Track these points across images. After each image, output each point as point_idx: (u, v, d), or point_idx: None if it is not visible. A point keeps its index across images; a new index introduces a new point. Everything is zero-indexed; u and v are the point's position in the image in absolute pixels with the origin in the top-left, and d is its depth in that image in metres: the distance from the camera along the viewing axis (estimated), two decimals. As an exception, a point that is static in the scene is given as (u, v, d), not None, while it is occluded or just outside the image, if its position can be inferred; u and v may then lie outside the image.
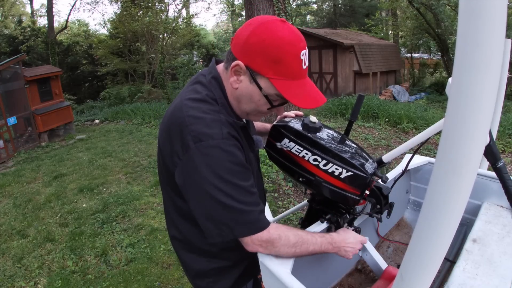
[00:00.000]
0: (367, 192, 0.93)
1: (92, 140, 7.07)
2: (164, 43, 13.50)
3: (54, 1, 14.33)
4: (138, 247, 3.00)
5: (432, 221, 0.43)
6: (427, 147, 5.28)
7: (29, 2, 20.46)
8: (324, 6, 25.07)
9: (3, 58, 10.94)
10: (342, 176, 0.90)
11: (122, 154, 5.79)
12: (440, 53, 14.69)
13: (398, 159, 3.69)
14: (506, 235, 0.96)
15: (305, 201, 1.38)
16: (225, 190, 0.78)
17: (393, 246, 1.34)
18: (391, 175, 1.25)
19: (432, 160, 1.42)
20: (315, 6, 25.50)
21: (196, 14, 21.89)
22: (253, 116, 0.92)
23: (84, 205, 3.91)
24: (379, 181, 0.97)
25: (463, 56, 0.34)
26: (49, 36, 13.59)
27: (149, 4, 13.52)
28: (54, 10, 14.25)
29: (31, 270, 2.76)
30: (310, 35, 11.73)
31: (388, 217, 1.04)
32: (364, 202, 0.98)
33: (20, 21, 17.21)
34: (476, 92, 0.35)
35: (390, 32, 19.37)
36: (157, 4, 13.75)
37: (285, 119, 1.06)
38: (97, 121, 9.34)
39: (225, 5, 23.05)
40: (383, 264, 1.04)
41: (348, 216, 1.04)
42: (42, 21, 19.63)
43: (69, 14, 24.15)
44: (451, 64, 9.90)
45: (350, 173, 0.89)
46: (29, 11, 21.13)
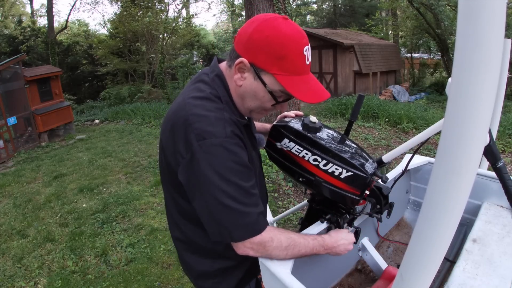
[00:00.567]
0: (367, 192, 0.93)
1: (92, 140, 7.07)
2: (164, 43, 13.50)
3: (54, 1, 14.34)
4: (138, 247, 3.00)
5: (432, 221, 0.43)
6: (427, 147, 5.28)
7: (29, 2, 20.48)
8: (324, 6, 25.06)
9: (3, 58, 10.95)
10: (342, 176, 0.90)
11: (122, 154, 5.79)
12: (440, 53, 14.69)
13: (398, 159, 3.69)
14: (506, 235, 0.96)
15: (305, 201, 1.38)
16: (225, 190, 0.78)
17: (393, 246, 1.34)
18: (391, 175, 1.25)
19: (432, 160, 1.42)
20: (315, 6, 25.50)
21: (196, 14, 21.95)
22: (256, 113, 0.91)
23: (84, 205, 3.91)
24: (379, 181, 0.97)
25: (462, 56, 0.34)
26: (49, 36, 13.58)
27: (149, 4, 13.53)
28: (54, 10, 14.25)
29: (31, 270, 2.76)
30: (310, 35, 11.68)
31: (388, 217, 1.04)
32: (364, 202, 0.97)
33: (20, 21, 17.21)
34: (475, 92, 0.35)
35: (390, 32, 19.37)
36: (157, 4, 13.76)
37: (285, 119, 1.06)
38: (97, 121, 9.34)
39: (225, 5, 23.05)
40: (383, 264, 1.04)
41: (348, 216, 1.04)
42: (42, 21, 19.64)
43: (69, 14, 24.21)
44: (451, 64, 9.89)
45: (350, 173, 0.89)
46: (29, 11, 21.15)
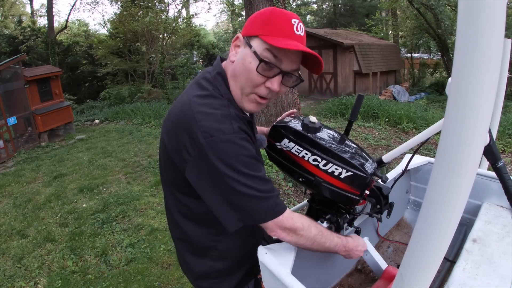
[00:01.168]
0: (367, 192, 0.93)
1: (92, 140, 7.07)
2: (164, 43, 13.51)
3: (54, 1, 14.33)
4: (138, 247, 3.00)
5: (432, 221, 0.43)
6: (427, 147, 5.28)
7: (29, 2, 20.48)
8: (324, 6, 25.07)
9: (3, 58, 10.95)
10: (342, 176, 0.90)
11: (122, 154, 5.80)
12: (440, 53, 14.69)
13: (398, 159, 3.69)
14: (506, 235, 0.96)
15: (305, 201, 1.38)
16: (241, 180, 0.78)
17: (393, 246, 1.34)
18: (391, 175, 1.25)
19: (432, 160, 1.42)
20: (315, 6, 25.51)
21: (196, 14, 21.95)
22: (248, 98, 0.86)
23: (84, 205, 3.91)
24: (379, 181, 0.97)
25: (462, 56, 0.34)
26: (49, 36, 13.58)
27: (149, 4, 13.53)
28: (54, 10, 14.25)
29: (31, 270, 2.76)
30: (310, 35, 11.72)
31: (388, 217, 1.04)
32: (364, 202, 0.98)
33: (20, 21, 17.21)
34: (475, 92, 0.35)
35: (390, 32, 19.37)
36: (157, 4, 13.75)
37: (285, 119, 1.06)
38: (97, 121, 9.35)
39: (225, 5, 23.04)
40: (383, 264, 1.04)
41: (348, 216, 1.04)
42: (42, 21, 19.65)
43: (69, 14, 24.21)
44: (451, 64, 9.89)
45: (350, 173, 0.89)
46: (29, 11, 21.15)
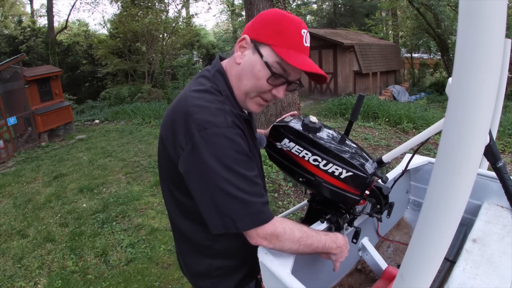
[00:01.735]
0: (367, 192, 0.92)
1: (92, 140, 7.07)
2: (164, 43, 13.50)
3: (54, 1, 14.34)
4: (138, 247, 3.00)
5: (432, 221, 0.43)
6: (427, 147, 5.28)
7: (29, 2, 20.47)
8: (324, 6, 25.07)
9: (3, 58, 10.95)
10: (342, 176, 0.90)
11: (122, 154, 5.79)
12: (440, 53, 14.69)
13: (398, 159, 3.69)
14: (506, 235, 0.95)
15: (305, 201, 1.38)
16: (228, 179, 0.77)
17: (393, 246, 1.34)
18: (391, 175, 1.25)
19: (432, 160, 1.42)
20: (315, 6, 25.50)
21: (196, 14, 21.94)
22: (253, 101, 0.88)
23: (84, 205, 3.91)
24: (379, 181, 0.96)
25: (463, 56, 0.34)
26: (49, 36, 13.58)
27: (149, 4, 13.52)
28: (54, 10, 14.24)
29: (31, 270, 2.76)
30: (310, 35, 11.69)
31: (388, 217, 1.04)
32: (364, 202, 0.97)
33: (20, 21, 17.20)
34: (476, 92, 0.35)
35: (390, 32, 19.36)
36: (157, 4, 13.75)
37: (285, 119, 1.06)
38: (97, 121, 9.35)
39: (225, 5, 23.04)
40: (383, 264, 1.04)
41: (348, 216, 1.04)
42: (42, 21, 19.63)
43: (69, 14, 24.22)
44: (451, 64, 9.90)
45: (350, 173, 0.89)
46: (29, 11, 21.13)
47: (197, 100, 0.81)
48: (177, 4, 17.64)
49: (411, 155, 1.12)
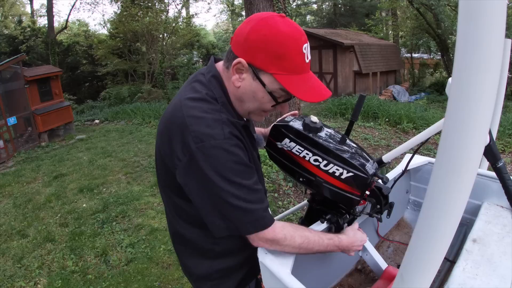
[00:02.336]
0: (367, 192, 0.92)
1: (92, 140, 7.07)
2: (164, 43, 13.50)
3: (54, 1, 14.34)
4: (138, 247, 3.00)
5: (432, 221, 0.43)
6: (427, 147, 5.28)
7: (29, 2, 20.45)
8: (324, 6, 25.06)
9: (3, 58, 10.93)
10: (342, 177, 0.90)
11: (122, 154, 5.80)
12: (440, 53, 14.68)
13: (398, 159, 3.69)
14: (506, 235, 0.95)
15: (305, 201, 1.38)
16: (229, 190, 0.77)
17: (393, 246, 1.34)
18: (391, 175, 1.25)
19: (432, 160, 1.42)
20: (315, 6, 25.50)
21: (196, 14, 21.93)
22: (255, 115, 0.90)
23: (84, 205, 3.91)
24: (379, 181, 0.96)
25: (463, 56, 0.34)
26: (49, 36, 13.58)
27: (149, 4, 13.52)
28: (54, 10, 14.26)
29: (31, 270, 2.76)
30: (310, 35, 11.71)
31: (388, 217, 1.04)
32: (364, 202, 0.97)
33: (20, 21, 17.19)
34: (476, 92, 0.35)
35: (390, 32, 19.36)
36: (157, 4, 13.75)
37: (286, 119, 1.06)
38: (97, 121, 9.34)
39: (225, 5, 23.05)
40: (383, 264, 1.04)
41: (348, 216, 1.04)
42: (42, 21, 19.60)
43: (69, 14, 24.11)
44: (451, 64, 9.90)
45: (350, 174, 0.89)
46: (29, 11, 21.11)
47: (192, 110, 0.79)
48: (177, 4, 17.65)
49: (411, 155, 1.12)
